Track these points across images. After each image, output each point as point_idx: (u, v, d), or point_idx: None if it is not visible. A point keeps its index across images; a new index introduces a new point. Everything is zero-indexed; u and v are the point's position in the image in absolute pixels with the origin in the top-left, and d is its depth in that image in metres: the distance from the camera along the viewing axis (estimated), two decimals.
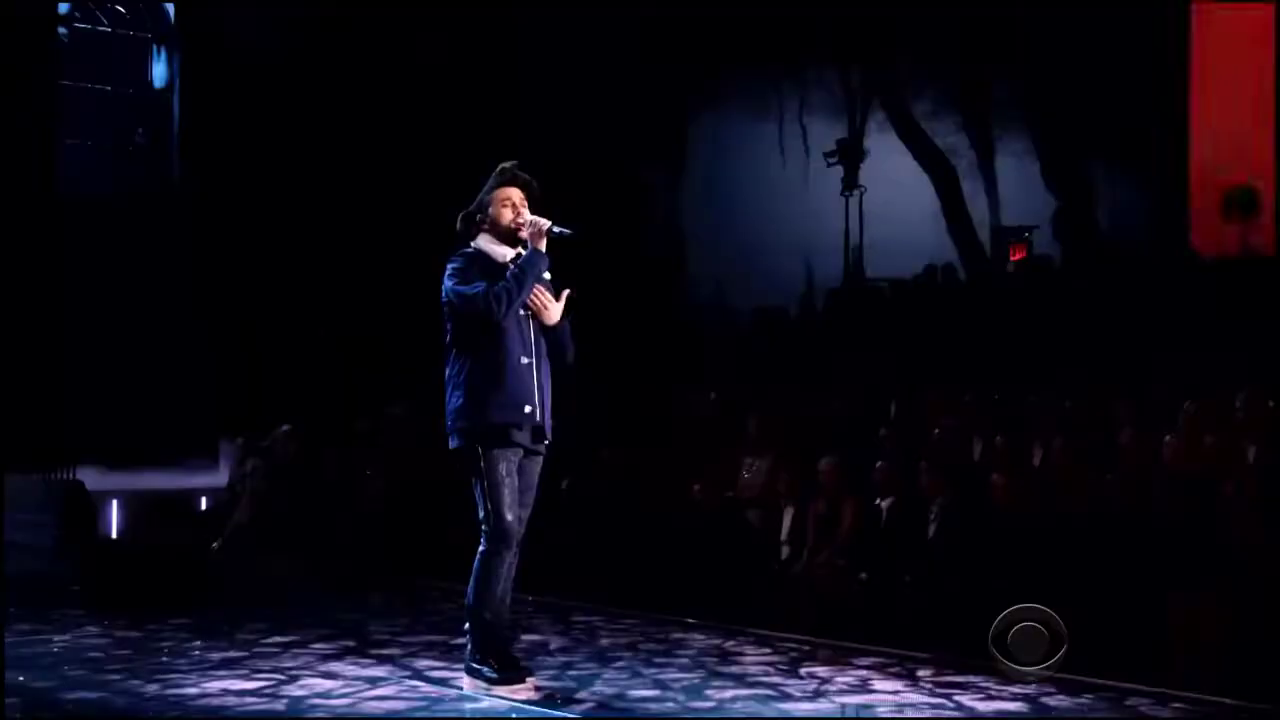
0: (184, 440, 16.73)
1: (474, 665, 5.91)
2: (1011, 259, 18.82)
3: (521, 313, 5.89)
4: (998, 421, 10.66)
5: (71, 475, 13.28)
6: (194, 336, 17.91)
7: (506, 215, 5.98)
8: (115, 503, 15.14)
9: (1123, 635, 7.58)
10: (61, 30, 19.22)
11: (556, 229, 5.94)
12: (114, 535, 14.46)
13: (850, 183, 20.29)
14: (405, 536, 11.60)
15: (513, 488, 5.86)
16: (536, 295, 5.92)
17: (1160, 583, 8.21)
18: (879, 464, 9.85)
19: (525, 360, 5.88)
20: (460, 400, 5.87)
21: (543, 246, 5.92)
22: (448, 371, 5.97)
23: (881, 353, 14.12)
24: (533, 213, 6.03)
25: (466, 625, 5.94)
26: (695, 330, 18.19)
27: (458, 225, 6.10)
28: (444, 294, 5.95)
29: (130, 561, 12.09)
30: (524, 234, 5.94)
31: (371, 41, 19.05)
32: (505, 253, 5.98)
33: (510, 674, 5.84)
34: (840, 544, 9.85)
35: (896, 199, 20.20)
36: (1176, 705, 5.64)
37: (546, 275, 6.00)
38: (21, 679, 6.22)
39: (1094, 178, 18.92)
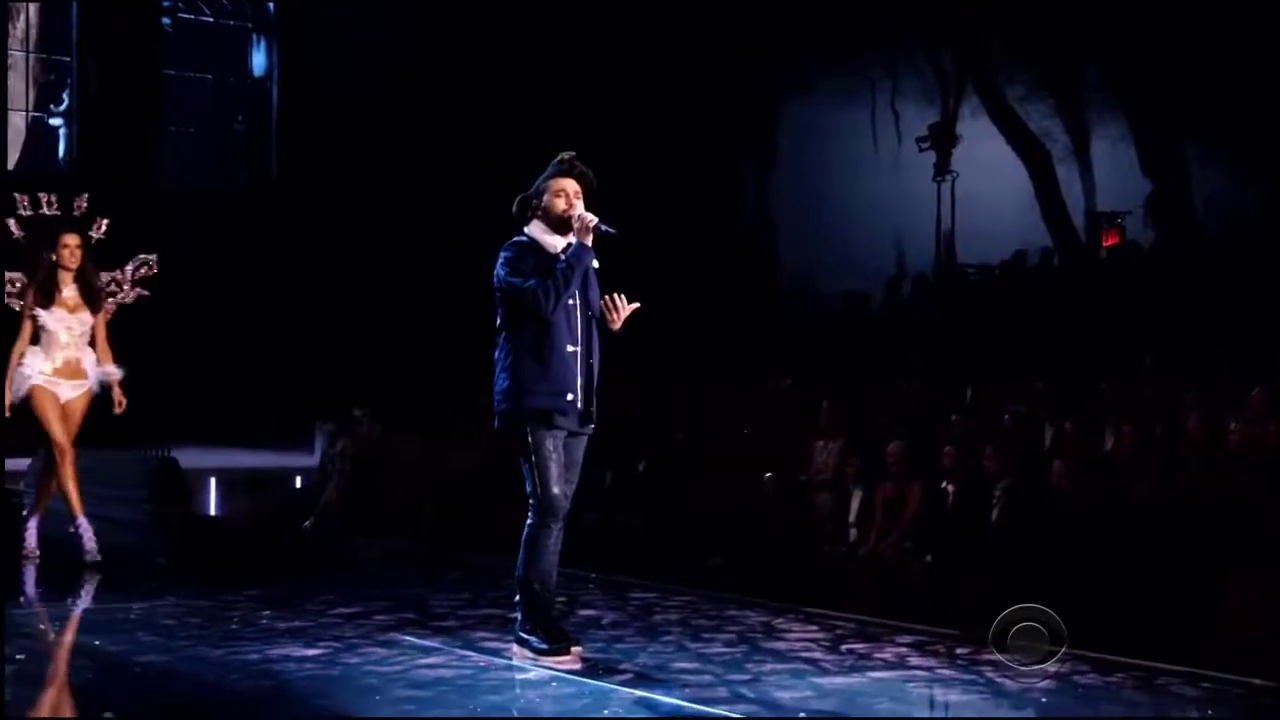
0: (279, 422, 17.16)
1: (523, 635, 6.11)
2: (1104, 244, 18.69)
3: (570, 302, 6.04)
4: (1069, 408, 10.68)
5: (166, 453, 13.71)
6: (289, 322, 18.37)
7: (560, 205, 6.11)
8: (213, 480, 15.62)
9: (1176, 618, 7.63)
10: (165, 20, 19.76)
11: (604, 227, 6.07)
12: (210, 511, 14.93)
13: (942, 168, 20.24)
14: (482, 516, 11.85)
15: (559, 463, 6.05)
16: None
17: (1220, 567, 8.23)
18: (946, 448, 9.93)
19: (571, 349, 6.04)
20: (507, 383, 6.06)
21: (589, 241, 6.06)
22: (497, 354, 6.16)
23: (962, 339, 14.16)
24: (587, 206, 6.16)
25: (516, 597, 6.14)
26: (781, 316, 18.29)
27: (514, 209, 6.26)
28: (495, 280, 6.14)
29: (219, 536, 12.50)
30: (574, 227, 6.08)
31: (464, 40, 19.31)
32: (556, 243, 6.12)
33: (557, 644, 6.03)
34: (906, 527, 9.96)
35: (989, 184, 20.09)
36: (1204, 685, 5.69)
37: (595, 264, 6.15)
38: (97, 643, 6.53)
39: (1189, 161, 18.65)
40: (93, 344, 9.05)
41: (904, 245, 20.73)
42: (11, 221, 8.59)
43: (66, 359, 8.90)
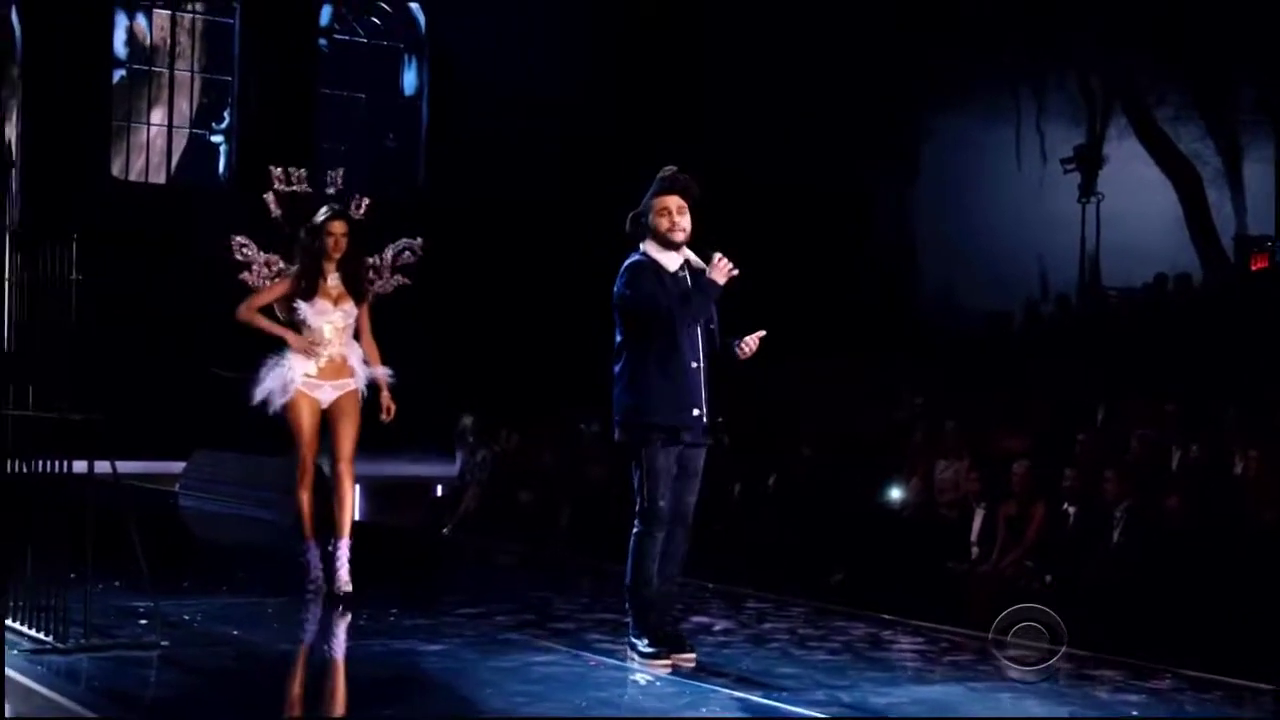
0: (423, 432, 17.57)
1: (632, 639, 6.35)
2: (1252, 268, 18.42)
3: (690, 323, 6.21)
4: (1198, 431, 10.64)
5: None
6: (435, 335, 18.87)
7: (663, 224, 6.29)
8: (357, 486, 16.09)
9: None
10: (322, 41, 20.45)
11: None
12: (357, 517, 15.41)
13: (1088, 189, 20.13)
14: (614, 525, 12.12)
15: (669, 476, 6.23)
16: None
17: None
18: (1068, 470, 9.97)
19: (695, 364, 6.22)
20: (630, 399, 6.25)
21: (721, 281, 6.22)
22: (617, 369, 6.35)
23: (1099, 359, 14.09)
24: (692, 212, 6.35)
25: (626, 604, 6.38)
26: (918, 331, 18.31)
27: (627, 226, 6.45)
28: (615, 297, 6.35)
29: (361, 539, 12.90)
30: (717, 268, 6.21)
31: (607, 55, 19.63)
32: (670, 261, 6.32)
33: (658, 649, 6.22)
34: (1028, 546, 10.02)
35: (1136, 206, 19.92)
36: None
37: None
38: (236, 633, 6.94)
39: None
40: (357, 338, 7.96)
41: (1047, 265, 20.64)
42: (270, 197, 7.37)
43: (331, 357, 7.80)
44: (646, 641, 6.26)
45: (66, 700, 5.44)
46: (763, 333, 6.38)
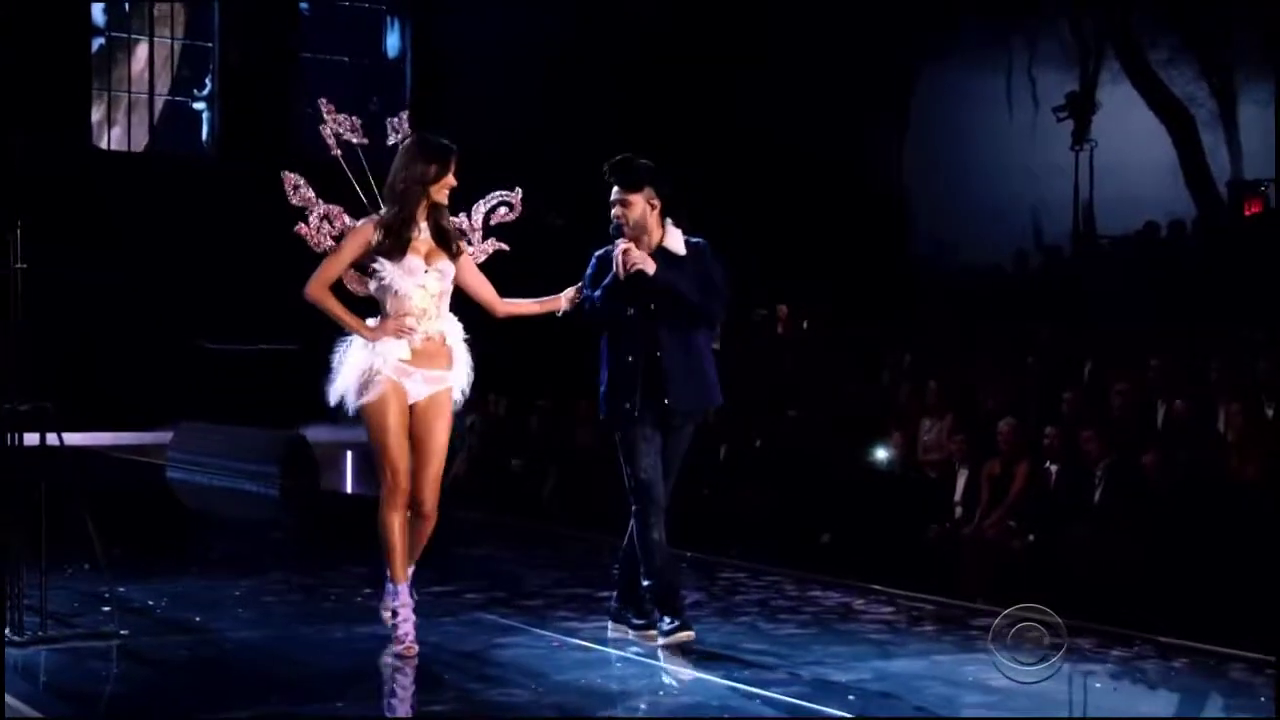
0: None
1: (657, 623, 6.24)
2: (1246, 213, 18.21)
3: (629, 312, 6.14)
4: (1181, 385, 10.52)
5: (296, 430, 14.14)
6: None
7: (612, 214, 6.27)
8: (349, 455, 16.04)
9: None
10: (303, 5, 20.26)
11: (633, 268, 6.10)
12: (345, 487, 15.36)
13: (1080, 136, 19.87)
14: (599, 492, 12.05)
15: (646, 451, 6.15)
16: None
17: None
18: (1048, 428, 9.87)
19: (630, 359, 6.14)
20: (600, 380, 6.34)
21: (622, 277, 6.10)
22: None
23: (1089, 313, 13.96)
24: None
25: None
26: (911, 290, 18.16)
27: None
28: None
29: (342, 512, 12.88)
30: (619, 264, 6.10)
31: (589, 13, 19.41)
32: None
33: (647, 623, 6.25)
34: (1011, 506, 9.93)
35: (1130, 153, 19.69)
36: (1269, 671, 5.64)
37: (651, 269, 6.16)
38: (198, 619, 6.86)
39: None
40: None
41: (1041, 216, 20.44)
42: (327, 131, 5.51)
43: (428, 334, 5.92)
44: (668, 620, 6.18)
45: (19, 701, 5.37)
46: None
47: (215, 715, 5.26)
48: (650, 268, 6.11)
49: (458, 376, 5.99)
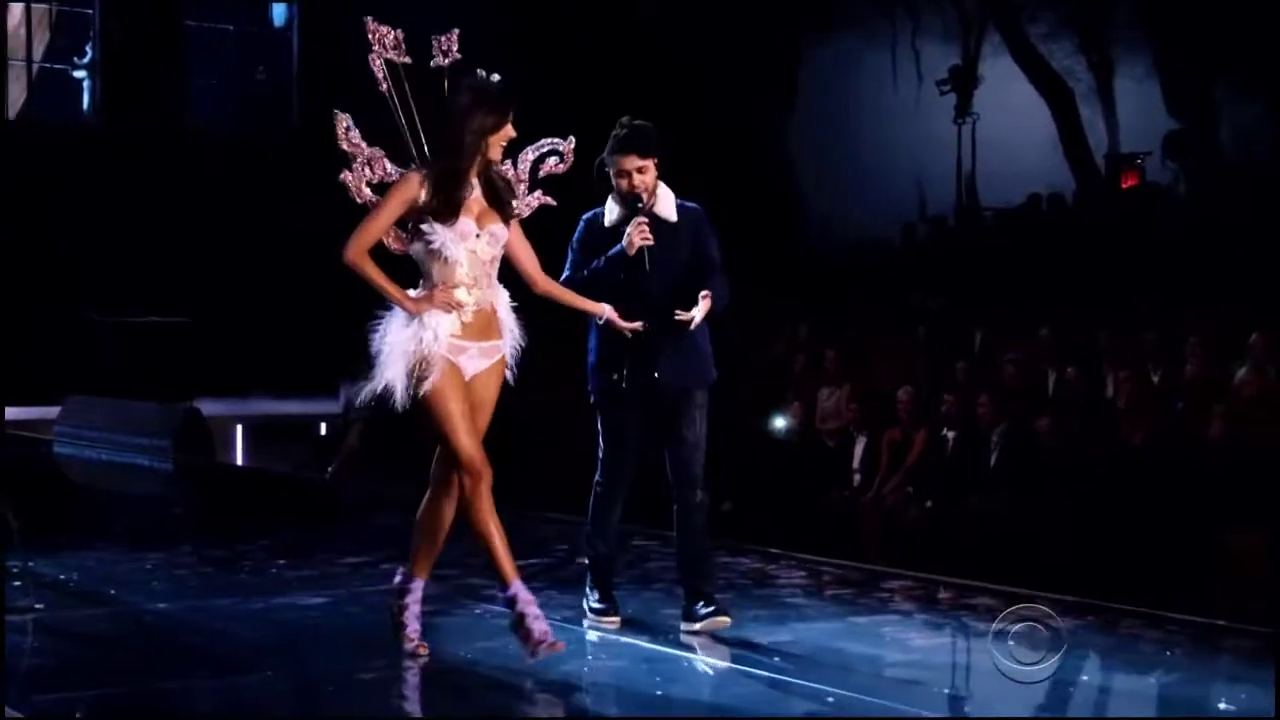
0: (305, 372, 17.31)
1: (586, 592, 6.27)
2: (1123, 186, 18.65)
3: (620, 276, 5.87)
4: (1071, 354, 10.82)
5: (188, 403, 13.98)
6: (316, 274, 18.57)
7: (623, 187, 5.98)
8: (240, 428, 15.91)
9: (1164, 566, 7.81)
10: None
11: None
12: (238, 460, 15.23)
13: (963, 110, 20.16)
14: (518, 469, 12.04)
15: (628, 428, 6.10)
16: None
17: (1212, 517, 8.39)
18: (946, 395, 10.11)
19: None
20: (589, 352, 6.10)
21: (632, 253, 5.88)
22: None
23: (976, 284, 14.26)
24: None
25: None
26: (799, 260, 18.39)
27: (595, 173, 6.07)
28: None
29: (241, 485, 12.80)
30: (634, 239, 5.84)
31: None
32: (617, 219, 5.99)
33: (606, 605, 6.16)
34: (909, 472, 10.16)
35: (1011, 126, 20.02)
36: (1170, 628, 5.88)
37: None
38: (113, 592, 6.82)
39: (1218, 100, 18.48)
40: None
41: (926, 189, 20.74)
42: (374, 60, 4.70)
43: (479, 305, 5.30)
44: (596, 596, 6.18)
45: None
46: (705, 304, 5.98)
47: (147, 687, 5.25)
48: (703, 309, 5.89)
49: (509, 346, 5.38)
